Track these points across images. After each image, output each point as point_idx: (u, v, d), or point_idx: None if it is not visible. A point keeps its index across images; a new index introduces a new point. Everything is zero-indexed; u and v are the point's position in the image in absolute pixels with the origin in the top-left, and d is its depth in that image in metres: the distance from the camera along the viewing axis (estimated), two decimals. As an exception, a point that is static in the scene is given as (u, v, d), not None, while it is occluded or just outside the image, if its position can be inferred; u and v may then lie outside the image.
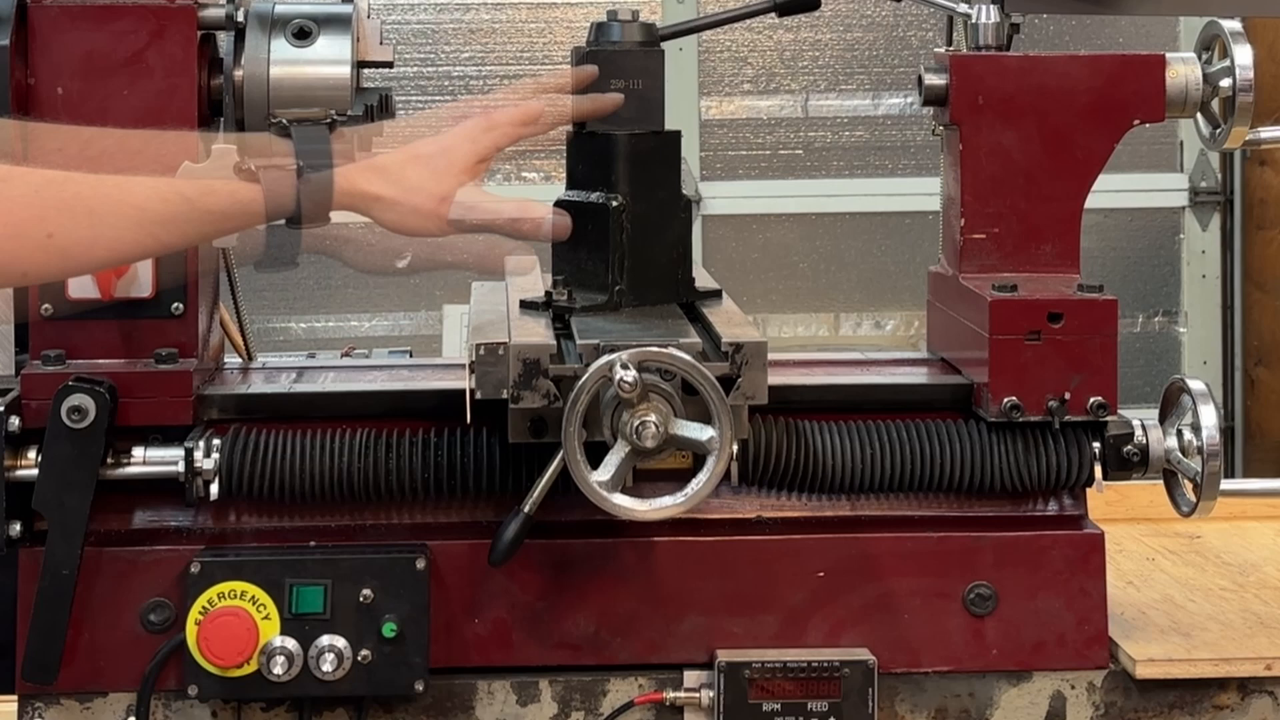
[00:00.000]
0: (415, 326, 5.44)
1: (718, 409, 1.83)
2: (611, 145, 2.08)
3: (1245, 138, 2.20)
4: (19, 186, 1.73)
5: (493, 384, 1.89)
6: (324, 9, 2.12)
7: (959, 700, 2.06)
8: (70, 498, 1.94)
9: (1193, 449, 2.08)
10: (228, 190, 1.80)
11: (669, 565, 2.04)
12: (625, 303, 2.06)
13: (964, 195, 2.18)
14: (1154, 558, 2.45)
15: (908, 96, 5.40)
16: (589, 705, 2.03)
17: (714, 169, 5.44)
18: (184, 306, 2.05)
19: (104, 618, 2.00)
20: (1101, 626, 2.07)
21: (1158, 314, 5.51)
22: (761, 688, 1.99)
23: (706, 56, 5.42)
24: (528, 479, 1.98)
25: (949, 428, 2.07)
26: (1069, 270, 2.18)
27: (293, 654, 1.93)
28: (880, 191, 5.44)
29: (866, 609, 2.05)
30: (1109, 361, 2.04)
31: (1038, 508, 2.10)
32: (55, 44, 2.03)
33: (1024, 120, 2.17)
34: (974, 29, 2.22)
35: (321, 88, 2.07)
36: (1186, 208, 5.46)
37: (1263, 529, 2.59)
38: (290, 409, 2.06)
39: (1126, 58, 2.19)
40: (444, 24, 5.43)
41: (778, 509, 2.08)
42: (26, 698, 2.01)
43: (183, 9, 2.05)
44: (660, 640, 2.04)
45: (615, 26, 2.10)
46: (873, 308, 5.49)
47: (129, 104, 2.03)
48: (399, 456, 2.02)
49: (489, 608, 2.02)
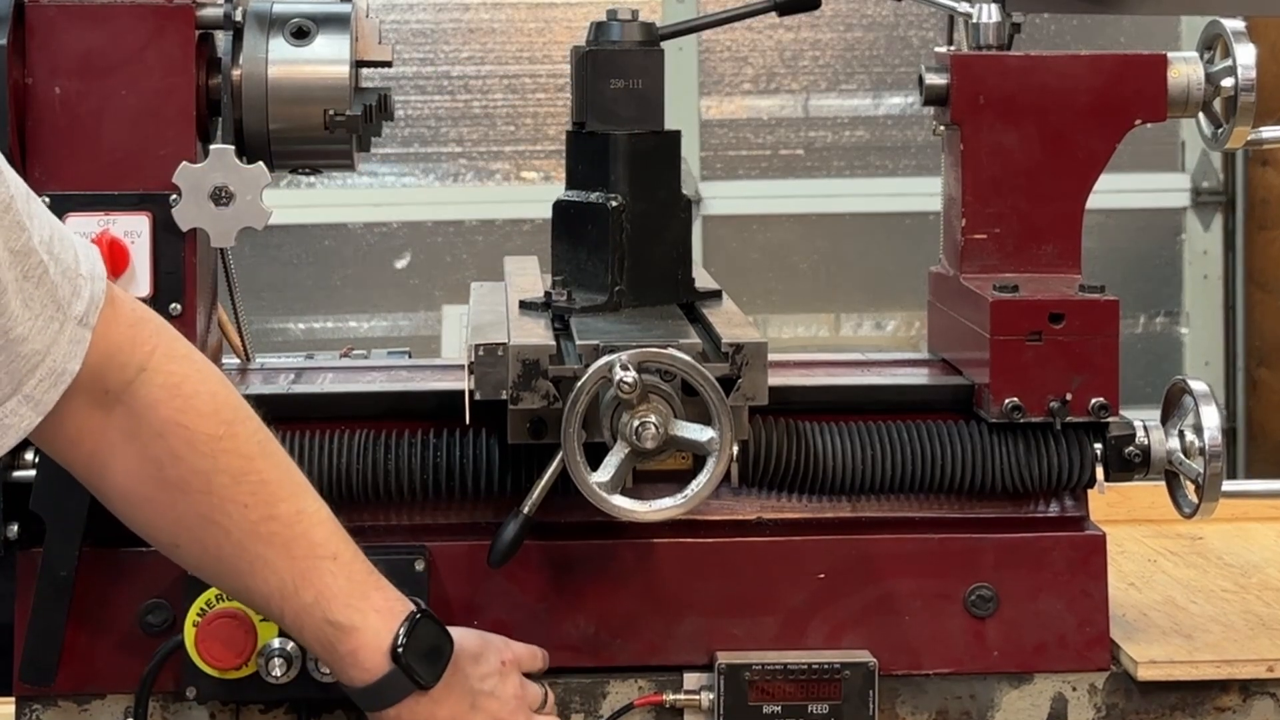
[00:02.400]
0: (414, 327, 5.44)
1: (718, 410, 1.82)
2: (611, 145, 2.07)
3: (1247, 138, 2.20)
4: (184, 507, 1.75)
5: (492, 385, 1.89)
6: (322, 8, 2.11)
7: (960, 702, 2.06)
8: (68, 499, 1.94)
9: (1195, 450, 2.07)
10: (311, 644, 1.82)
11: (669, 567, 2.03)
12: (625, 303, 2.06)
13: (965, 195, 2.18)
14: (1156, 559, 2.45)
15: (908, 96, 5.40)
16: (588, 707, 2.02)
17: (714, 169, 5.44)
18: (182, 307, 2.04)
19: (102, 619, 1.99)
20: (1103, 628, 2.07)
21: (1159, 314, 5.51)
22: (762, 689, 1.98)
23: (706, 56, 5.42)
24: (527, 480, 1.98)
25: (950, 429, 2.07)
26: (1070, 271, 2.18)
27: (291, 656, 1.92)
28: (881, 191, 5.44)
29: (867, 610, 2.05)
30: (1111, 362, 2.04)
31: (1039, 509, 2.09)
32: (53, 43, 2.02)
33: (1025, 120, 2.16)
34: (975, 28, 2.22)
35: (320, 87, 2.07)
36: (1188, 208, 5.46)
37: (1265, 530, 2.59)
38: (289, 410, 2.06)
39: (1128, 57, 2.18)
40: (443, 23, 5.43)
41: (778, 510, 2.07)
42: (24, 699, 2.00)
43: (181, 8, 2.04)
44: (660, 642, 2.03)
45: (615, 26, 2.09)
46: (873, 308, 5.49)
47: (127, 103, 2.02)
48: (398, 457, 2.01)
49: (488, 609, 2.01)
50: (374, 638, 1.79)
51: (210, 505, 1.74)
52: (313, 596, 1.78)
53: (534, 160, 5.47)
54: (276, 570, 1.77)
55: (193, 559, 1.80)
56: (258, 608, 1.84)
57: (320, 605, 1.78)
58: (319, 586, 1.78)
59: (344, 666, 1.81)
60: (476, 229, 5.47)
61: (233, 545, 1.76)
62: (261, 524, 1.76)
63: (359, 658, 1.79)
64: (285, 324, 5.44)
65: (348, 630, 1.79)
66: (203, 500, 1.74)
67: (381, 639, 1.79)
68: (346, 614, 1.79)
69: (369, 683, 1.80)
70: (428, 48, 5.43)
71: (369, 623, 1.79)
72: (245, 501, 1.75)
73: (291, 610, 1.78)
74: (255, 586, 1.78)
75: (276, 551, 1.76)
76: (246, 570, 1.77)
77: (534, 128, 5.46)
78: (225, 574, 1.80)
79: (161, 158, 2.02)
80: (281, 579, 1.77)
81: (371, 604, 1.80)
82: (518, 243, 5.34)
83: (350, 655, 1.79)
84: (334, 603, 1.78)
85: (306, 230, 5.42)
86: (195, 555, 1.79)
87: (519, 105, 5.46)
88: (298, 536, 1.78)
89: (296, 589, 1.77)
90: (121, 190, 2.03)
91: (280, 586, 1.77)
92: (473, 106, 5.47)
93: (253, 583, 1.78)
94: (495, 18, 5.43)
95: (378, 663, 1.80)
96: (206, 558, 1.78)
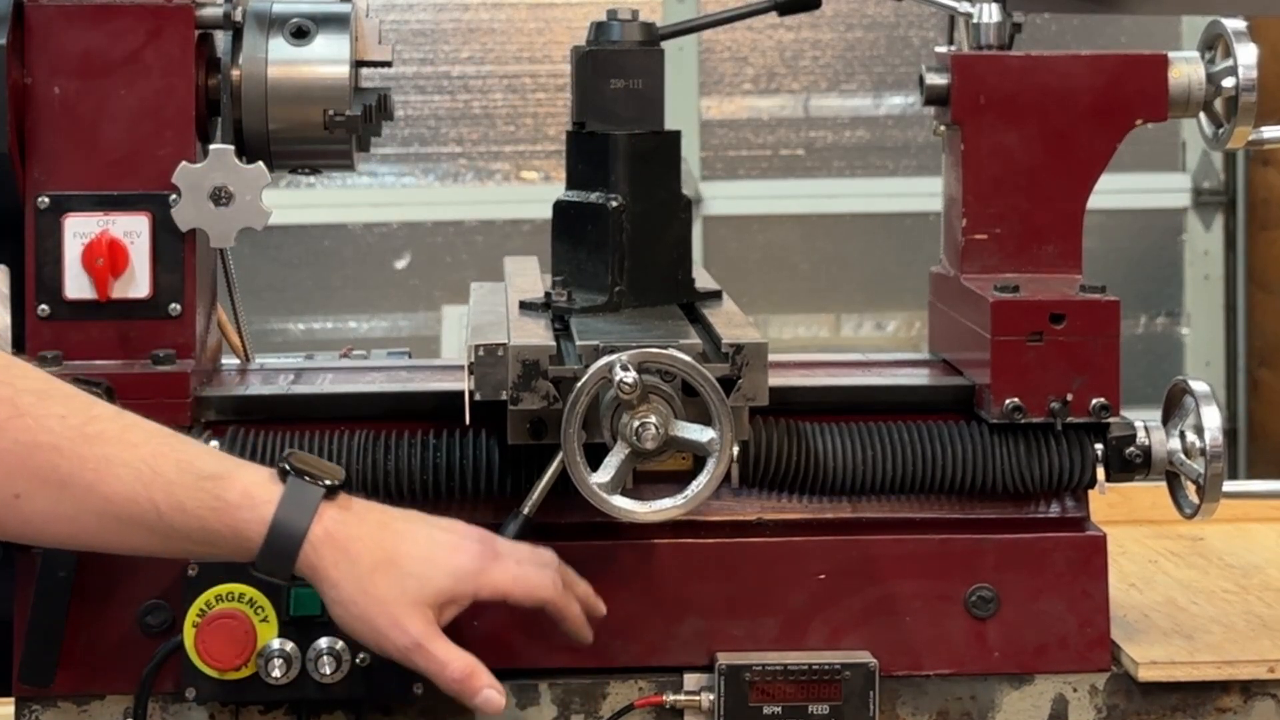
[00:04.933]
0: (414, 327, 5.45)
1: (718, 410, 1.82)
2: (611, 145, 2.07)
3: (1248, 138, 2.20)
4: (3, 440, 1.65)
5: (492, 385, 1.89)
6: (322, 8, 2.11)
7: (960, 703, 2.06)
8: (67, 499, 1.94)
9: (1196, 450, 2.07)
10: (197, 516, 1.68)
11: (669, 567, 2.03)
12: (625, 303, 2.06)
13: (965, 195, 2.18)
14: (1156, 560, 2.45)
15: (909, 96, 5.40)
16: (588, 708, 2.02)
17: (714, 169, 5.45)
18: (181, 307, 2.05)
19: (101, 620, 1.99)
20: (1104, 629, 2.07)
21: (1160, 315, 5.51)
22: (762, 690, 1.98)
23: (706, 56, 5.42)
24: (527, 481, 1.98)
25: (950, 429, 2.07)
26: (1071, 271, 2.17)
27: (291, 657, 1.92)
28: (881, 192, 5.45)
29: (868, 611, 2.05)
30: (1111, 362, 2.04)
31: (1040, 510, 2.09)
32: (52, 43, 2.02)
33: (1026, 120, 2.16)
34: (976, 28, 2.22)
35: (319, 87, 2.07)
36: (1189, 208, 5.46)
37: (1266, 531, 2.59)
38: (288, 410, 2.06)
39: (1129, 57, 2.18)
40: (443, 23, 5.43)
41: (778, 511, 2.07)
42: (23, 700, 2.00)
43: (180, 8, 2.04)
44: (660, 643, 2.03)
45: (615, 26, 2.09)
46: (874, 309, 5.49)
47: (126, 104, 2.02)
48: (397, 458, 2.01)
49: (488, 610, 2.01)
50: (255, 473, 1.70)
51: (27, 428, 1.65)
52: (173, 466, 1.67)
53: (534, 160, 5.47)
54: (125, 462, 1.66)
55: (41, 503, 1.67)
56: (133, 519, 1.68)
57: (186, 469, 1.68)
58: (175, 455, 1.69)
59: (241, 519, 1.68)
60: (476, 229, 5.47)
61: (69, 460, 1.65)
62: (87, 425, 1.67)
63: (252, 496, 1.68)
64: (285, 324, 5.45)
65: (226, 477, 1.69)
66: (18, 425, 1.65)
67: (262, 472, 1.70)
68: (217, 463, 1.70)
69: (272, 518, 1.68)
70: (427, 48, 5.43)
71: (243, 467, 1.71)
72: (60, 413, 1.67)
73: (161, 494, 1.67)
74: (114, 493, 1.66)
75: (114, 446, 1.66)
76: (96, 481, 1.65)
77: (534, 128, 5.46)
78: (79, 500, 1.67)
79: (161, 158, 2.02)
80: (134, 469, 1.66)
81: (234, 459, 1.73)
82: (517, 243, 5.35)
83: (242, 497, 1.68)
84: (198, 461, 1.69)
85: (306, 230, 5.42)
86: (41, 499, 1.67)
87: (519, 105, 5.47)
88: (128, 427, 1.69)
89: (154, 470, 1.66)
90: (121, 190, 2.03)
91: (136, 476, 1.66)
92: (473, 106, 5.47)
93: (110, 491, 1.66)
94: (495, 18, 5.43)
95: (271, 490, 1.69)
96: (49, 490, 1.66)
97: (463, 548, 1.80)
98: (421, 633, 1.75)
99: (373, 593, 1.74)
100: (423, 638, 1.75)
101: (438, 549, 1.78)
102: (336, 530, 1.73)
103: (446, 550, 1.78)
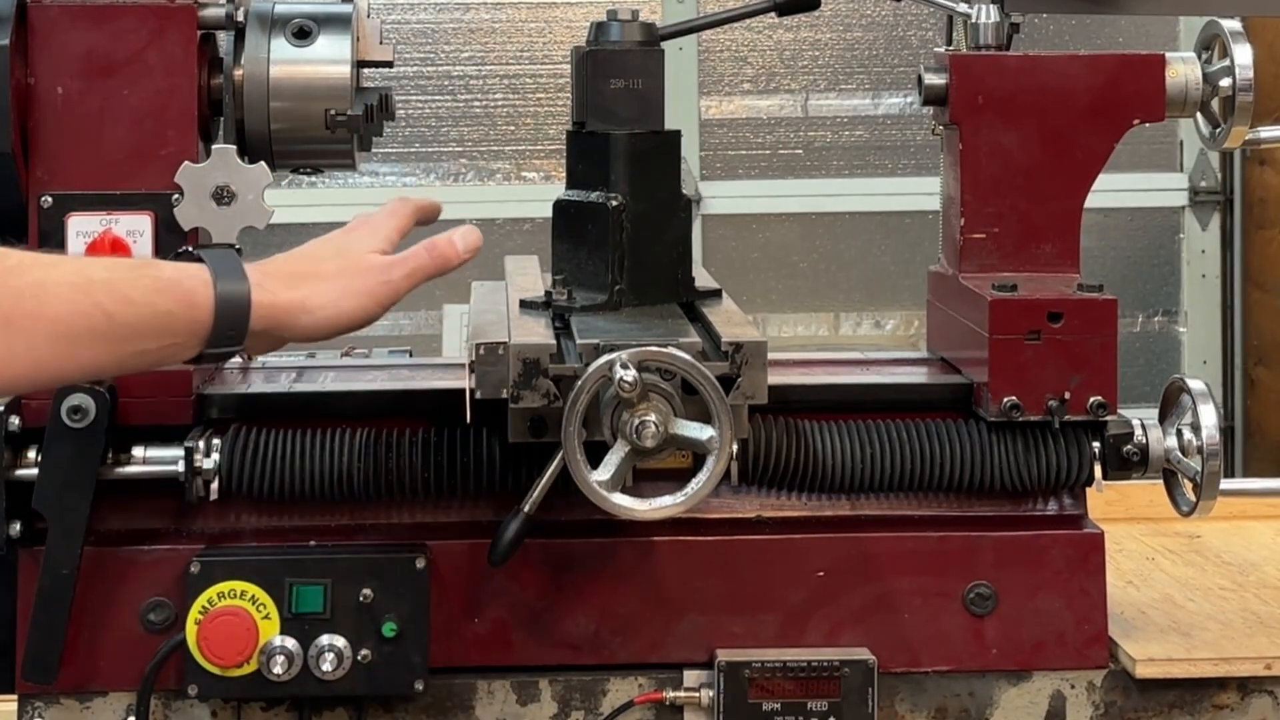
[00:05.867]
0: (415, 326, 5.45)
1: (717, 408, 1.83)
2: (611, 145, 2.08)
3: (1245, 137, 2.20)
4: None
5: (493, 383, 1.89)
6: (324, 8, 2.12)
7: (959, 700, 2.06)
8: (70, 497, 1.94)
9: (1192, 448, 2.08)
10: (147, 303, 1.65)
11: (669, 565, 2.04)
12: (625, 302, 2.06)
13: (964, 195, 2.18)
14: (1154, 557, 2.45)
15: (908, 96, 5.40)
16: (589, 705, 2.03)
17: (714, 169, 5.45)
18: (184, 306, 2.05)
19: (104, 617, 2.00)
20: (1101, 626, 2.07)
21: (1157, 314, 5.51)
22: (761, 687, 1.99)
23: (706, 56, 5.42)
24: (527, 479, 1.98)
25: (949, 427, 2.07)
26: (1069, 270, 2.18)
27: (292, 653, 1.93)
28: (880, 191, 5.45)
29: (866, 608, 2.05)
30: (1109, 361, 2.04)
31: (1037, 507, 2.10)
32: (55, 43, 2.03)
33: (1024, 120, 2.17)
34: (974, 28, 2.22)
35: (321, 87, 2.08)
36: (1186, 207, 5.46)
37: (1262, 529, 2.59)
38: (290, 408, 2.07)
39: (1126, 57, 2.19)
40: (444, 24, 5.43)
41: (777, 508, 2.08)
42: (26, 697, 2.01)
43: (183, 8, 2.05)
44: (660, 640, 2.04)
45: (615, 26, 2.10)
46: (873, 307, 5.49)
47: (129, 104, 2.03)
48: (399, 456, 2.02)
49: (489, 607, 2.02)
50: (169, 260, 1.73)
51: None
52: (102, 269, 1.65)
53: (534, 160, 5.48)
54: (57, 281, 1.61)
55: None
56: (85, 331, 1.63)
57: (115, 267, 1.66)
58: (99, 262, 1.71)
59: (188, 288, 1.66)
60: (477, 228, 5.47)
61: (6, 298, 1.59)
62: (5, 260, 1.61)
63: (183, 270, 1.67)
64: (285, 323, 5.44)
65: (152, 263, 1.72)
66: None
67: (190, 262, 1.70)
68: (135, 259, 1.76)
69: (211, 275, 1.67)
70: (429, 48, 5.43)
71: (154, 259, 1.76)
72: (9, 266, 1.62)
73: (104, 294, 1.63)
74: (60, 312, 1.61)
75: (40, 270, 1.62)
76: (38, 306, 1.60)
77: (534, 128, 5.46)
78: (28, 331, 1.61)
79: (163, 157, 2.03)
80: (70, 283, 1.62)
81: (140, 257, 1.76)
82: (518, 242, 5.34)
83: (177, 271, 1.67)
84: (119, 260, 1.76)
85: (308, 230, 5.36)
86: None
87: (519, 105, 5.47)
88: (39, 255, 1.65)
89: (88, 277, 1.63)
90: (124, 190, 2.03)
91: (74, 288, 1.62)
92: (473, 106, 5.47)
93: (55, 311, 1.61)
94: (496, 18, 5.43)
95: (194, 265, 1.68)
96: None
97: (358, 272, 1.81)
98: (383, 257, 1.81)
99: (335, 271, 1.77)
100: (388, 258, 1.81)
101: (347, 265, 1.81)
102: (267, 266, 1.74)
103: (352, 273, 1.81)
